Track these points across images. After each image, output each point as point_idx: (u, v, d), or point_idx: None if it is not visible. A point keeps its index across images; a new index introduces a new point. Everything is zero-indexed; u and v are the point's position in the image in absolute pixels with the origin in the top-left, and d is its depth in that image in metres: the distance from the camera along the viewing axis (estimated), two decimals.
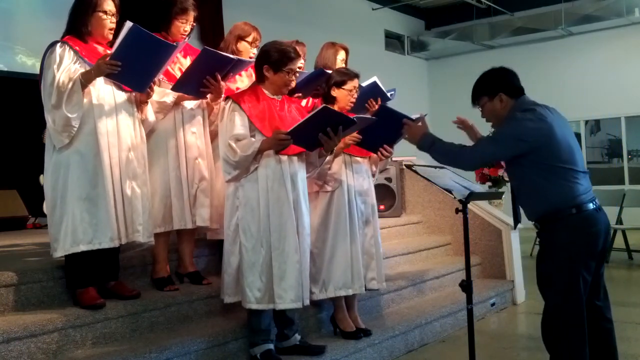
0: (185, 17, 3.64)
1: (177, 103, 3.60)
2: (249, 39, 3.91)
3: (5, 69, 7.16)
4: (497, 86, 2.96)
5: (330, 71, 3.87)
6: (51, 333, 2.97)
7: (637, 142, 12.19)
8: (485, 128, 3.20)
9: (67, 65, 3.14)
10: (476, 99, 3.03)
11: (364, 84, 4.07)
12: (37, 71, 3.34)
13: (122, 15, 3.32)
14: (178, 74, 3.56)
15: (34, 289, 3.20)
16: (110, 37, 3.30)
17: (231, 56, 3.55)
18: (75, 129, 3.11)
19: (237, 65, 3.56)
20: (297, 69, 3.45)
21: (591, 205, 2.82)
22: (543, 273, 2.93)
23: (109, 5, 3.26)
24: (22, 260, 3.61)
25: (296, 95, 3.80)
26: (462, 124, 3.29)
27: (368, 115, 3.60)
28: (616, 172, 12.14)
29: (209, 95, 3.62)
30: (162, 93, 3.51)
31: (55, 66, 3.12)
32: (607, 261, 7.09)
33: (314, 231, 3.69)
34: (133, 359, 2.98)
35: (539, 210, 2.90)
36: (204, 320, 3.59)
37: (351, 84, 3.70)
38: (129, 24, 2.99)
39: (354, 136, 3.56)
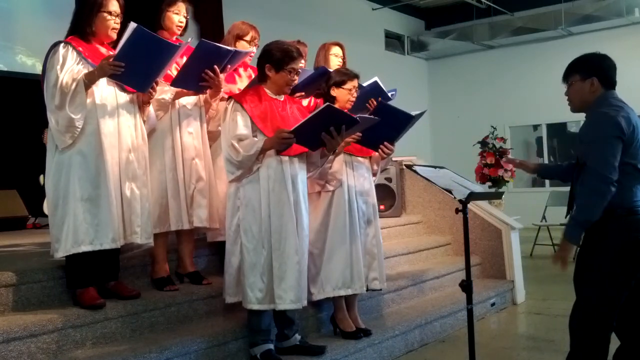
0: (176, 8, 3.65)
1: (173, 102, 3.60)
2: (247, 37, 3.92)
3: (5, 69, 7.16)
4: (593, 69, 2.88)
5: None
6: (51, 333, 2.97)
7: None
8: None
9: (70, 66, 3.14)
10: (568, 75, 2.95)
11: (365, 84, 4.07)
12: (38, 71, 3.35)
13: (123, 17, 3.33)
14: (175, 74, 3.55)
15: (34, 289, 3.19)
16: (114, 36, 3.30)
17: (228, 47, 3.54)
18: (79, 129, 3.11)
19: (234, 57, 3.55)
20: (299, 69, 3.45)
21: None
22: (582, 269, 2.84)
23: (114, 6, 3.26)
24: (22, 260, 3.61)
25: (298, 94, 3.80)
26: (515, 164, 3.25)
27: (371, 115, 3.60)
28: None
29: (208, 91, 3.62)
30: (160, 90, 3.51)
31: (58, 67, 3.12)
32: None
33: (314, 232, 3.69)
34: (133, 359, 2.98)
35: None
36: (204, 320, 3.59)
37: (351, 84, 3.70)
38: (132, 25, 2.99)
39: (355, 135, 3.55)
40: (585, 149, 2.79)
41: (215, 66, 3.44)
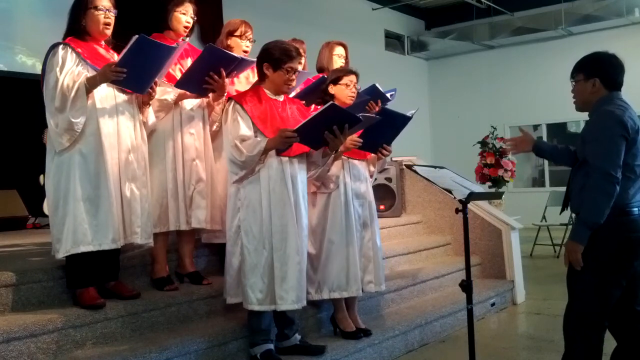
0: (184, 8, 3.65)
1: (177, 103, 3.60)
2: (237, 32, 3.90)
3: (5, 69, 7.16)
4: (596, 70, 2.85)
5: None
6: (51, 333, 2.97)
7: None
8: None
9: (70, 68, 3.13)
10: (574, 73, 2.93)
11: (362, 89, 4.07)
12: (38, 71, 3.34)
13: (125, 18, 3.31)
14: (179, 75, 3.55)
15: (34, 289, 3.19)
16: (107, 32, 3.28)
17: (235, 55, 3.54)
18: (78, 132, 3.11)
19: (240, 65, 3.55)
20: (298, 69, 3.45)
21: (636, 211, 2.74)
22: (575, 269, 2.82)
23: (103, 2, 3.25)
24: (22, 260, 3.61)
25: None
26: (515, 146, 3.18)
27: (372, 114, 3.60)
28: None
29: (211, 94, 3.62)
30: (163, 91, 3.51)
31: (57, 69, 3.11)
32: None
33: (311, 233, 3.69)
34: (133, 359, 2.98)
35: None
36: (204, 320, 3.59)
37: (347, 79, 3.71)
38: (136, 37, 3.00)
39: (355, 141, 3.56)
40: (588, 146, 2.75)
41: (222, 69, 3.44)
